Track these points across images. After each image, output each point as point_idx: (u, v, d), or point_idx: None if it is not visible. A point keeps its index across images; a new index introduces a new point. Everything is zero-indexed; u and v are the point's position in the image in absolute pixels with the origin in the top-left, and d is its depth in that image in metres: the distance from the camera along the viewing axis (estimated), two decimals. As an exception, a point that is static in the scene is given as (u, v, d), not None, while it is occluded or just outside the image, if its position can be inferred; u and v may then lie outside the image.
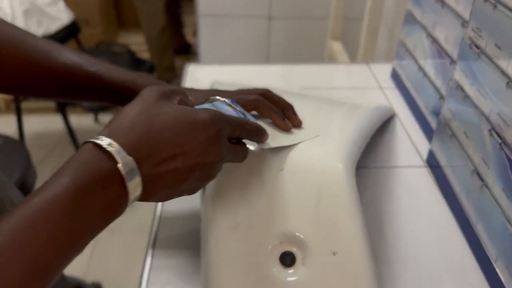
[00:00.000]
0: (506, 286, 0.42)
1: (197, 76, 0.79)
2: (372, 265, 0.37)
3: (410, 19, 0.72)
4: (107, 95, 0.46)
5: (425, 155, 0.62)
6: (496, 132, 0.44)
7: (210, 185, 0.42)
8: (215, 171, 0.36)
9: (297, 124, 0.47)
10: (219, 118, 0.35)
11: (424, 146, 0.63)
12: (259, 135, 0.41)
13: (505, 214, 0.42)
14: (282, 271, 0.38)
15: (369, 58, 0.97)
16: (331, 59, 1.20)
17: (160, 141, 0.32)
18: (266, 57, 1.34)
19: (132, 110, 0.33)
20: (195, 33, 2.61)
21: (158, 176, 0.32)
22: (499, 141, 0.44)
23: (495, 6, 0.44)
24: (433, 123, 0.63)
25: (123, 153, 0.30)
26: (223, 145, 0.35)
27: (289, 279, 0.37)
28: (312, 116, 0.50)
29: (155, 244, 0.48)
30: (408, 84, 0.73)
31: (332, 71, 0.86)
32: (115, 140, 0.30)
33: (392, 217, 0.52)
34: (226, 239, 0.39)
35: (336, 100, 0.59)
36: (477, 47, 0.48)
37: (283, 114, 0.47)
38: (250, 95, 0.45)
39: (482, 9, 0.47)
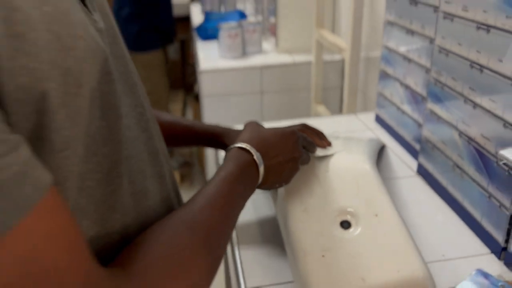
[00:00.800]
0: (491, 233, 0.60)
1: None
2: (401, 219, 0.56)
3: (384, 75, 0.97)
4: (197, 140, 0.65)
5: (415, 168, 0.82)
6: (464, 134, 0.66)
7: (282, 188, 0.60)
8: (299, 165, 0.55)
9: (329, 144, 0.67)
10: (296, 131, 0.55)
11: (413, 163, 0.84)
12: (313, 146, 0.61)
13: (481, 186, 0.62)
14: (343, 232, 0.55)
15: (352, 111, 1.21)
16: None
17: (269, 145, 0.51)
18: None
19: (247, 132, 0.53)
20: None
21: (271, 167, 0.50)
22: (467, 138, 0.65)
23: (447, 55, 0.68)
24: (416, 147, 0.84)
25: (254, 150, 0.49)
26: (301, 147, 0.55)
27: (349, 236, 0.55)
28: (333, 142, 0.70)
29: (238, 240, 0.64)
30: (391, 123, 0.96)
31: (324, 122, 1.08)
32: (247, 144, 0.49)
33: (399, 210, 0.71)
34: (300, 218, 0.57)
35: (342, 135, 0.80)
36: (440, 82, 0.71)
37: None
38: (296, 126, 0.65)
39: (438, 57, 0.71)
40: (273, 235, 0.65)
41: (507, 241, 0.58)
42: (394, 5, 0.88)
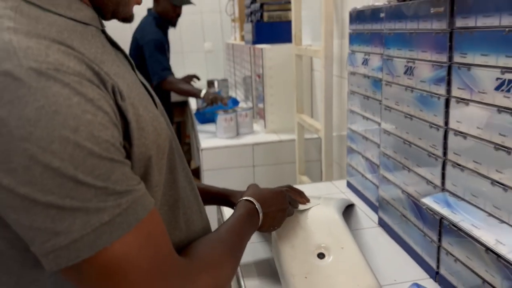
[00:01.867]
0: (428, 262, 0.83)
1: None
2: (360, 250, 0.78)
3: (350, 150, 1.23)
4: (212, 200, 0.88)
5: (376, 221, 1.06)
6: (405, 191, 0.90)
7: (275, 232, 0.82)
8: (286, 214, 0.79)
9: (308, 200, 0.91)
10: (284, 190, 0.80)
11: (375, 217, 1.08)
12: (295, 203, 0.85)
13: (419, 228, 0.86)
14: (319, 260, 0.77)
15: (329, 179, 1.46)
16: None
17: (266, 199, 0.75)
18: (253, 195, 1.80)
19: (250, 190, 0.77)
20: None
21: (267, 214, 0.74)
22: (407, 194, 0.90)
23: (388, 134, 0.95)
24: (377, 204, 1.08)
25: (256, 201, 0.72)
26: (287, 202, 0.79)
27: (324, 264, 0.77)
28: (311, 199, 0.94)
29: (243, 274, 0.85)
30: (358, 187, 1.21)
31: (307, 188, 1.32)
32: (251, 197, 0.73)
33: (364, 251, 0.93)
34: (289, 252, 0.79)
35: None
36: (387, 155, 0.97)
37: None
38: (283, 187, 0.90)
39: (383, 137, 0.98)
40: (269, 268, 0.86)
41: (438, 266, 0.81)
42: (353, 99, 1.17)
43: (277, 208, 0.77)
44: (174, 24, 2.60)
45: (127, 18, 0.59)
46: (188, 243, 0.60)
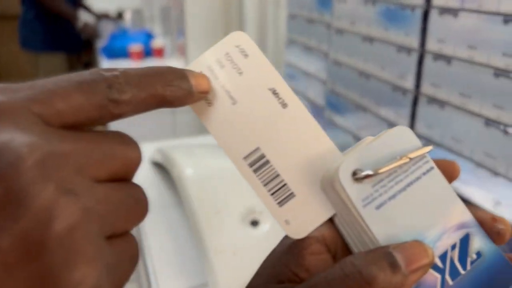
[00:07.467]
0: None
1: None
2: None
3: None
4: None
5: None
6: (359, 138, 0.73)
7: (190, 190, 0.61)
8: None
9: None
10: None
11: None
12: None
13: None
14: (251, 230, 0.58)
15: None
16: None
17: None
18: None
19: None
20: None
21: None
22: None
23: (339, 66, 0.76)
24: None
25: None
26: None
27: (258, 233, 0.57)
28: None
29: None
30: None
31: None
32: None
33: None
34: (212, 221, 0.58)
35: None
36: (335, 92, 0.78)
37: None
38: None
39: (334, 71, 0.78)
40: (181, 235, 0.65)
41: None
42: (293, 24, 0.95)
43: None
44: None
45: None
46: None
